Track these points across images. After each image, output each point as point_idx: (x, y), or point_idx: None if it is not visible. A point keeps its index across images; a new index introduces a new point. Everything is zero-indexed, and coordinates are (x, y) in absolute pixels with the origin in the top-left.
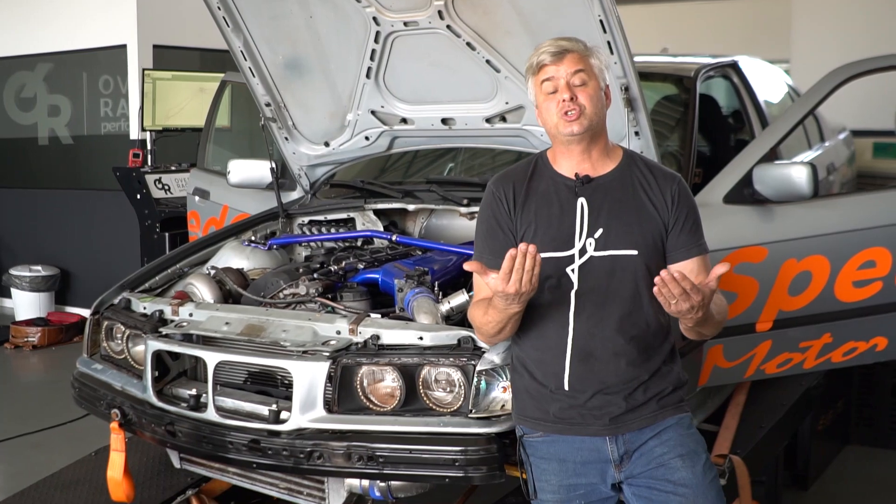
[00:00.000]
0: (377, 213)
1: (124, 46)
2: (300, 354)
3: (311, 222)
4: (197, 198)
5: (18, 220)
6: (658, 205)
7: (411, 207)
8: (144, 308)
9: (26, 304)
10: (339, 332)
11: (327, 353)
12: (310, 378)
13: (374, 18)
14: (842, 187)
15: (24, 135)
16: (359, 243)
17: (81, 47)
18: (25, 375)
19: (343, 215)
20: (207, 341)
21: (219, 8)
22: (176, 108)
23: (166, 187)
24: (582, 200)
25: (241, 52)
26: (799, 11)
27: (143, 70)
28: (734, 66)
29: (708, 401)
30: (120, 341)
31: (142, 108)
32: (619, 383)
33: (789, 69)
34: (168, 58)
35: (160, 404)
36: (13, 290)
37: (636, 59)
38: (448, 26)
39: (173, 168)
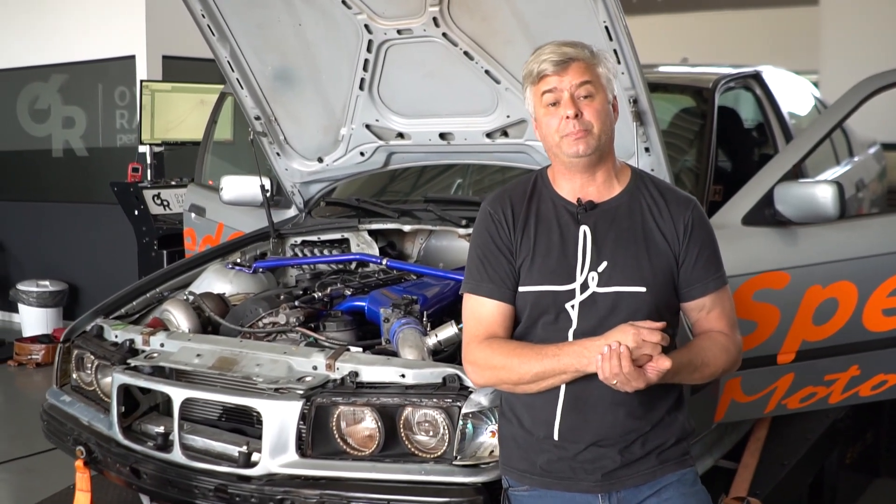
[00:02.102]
0: (374, 233)
1: (133, 57)
2: (271, 392)
3: (304, 243)
4: (193, 215)
5: (28, 234)
6: (669, 235)
7: (407, 228)
8: (116, 336)
9: (33, 320)
10: (315, 368)
11: (301, 392)
12: (281, 419)
13: (367, 26)
14: (872, 206)
15: (38, 147)
16: (353, 266)
17: (91, 58)
18: (27, 394)
19: (337, 235)
20: (180, 374)
21: (203, 16)
22: (176, 121)
23: (165, 203)
24: (585, 229)
25: (228, 62)
26: (828, 21)
27: (142, 81)
28: (756, 76)
29: (725, 437)
30: (90, 372)
31: (140, 120)
32: (615, 436)
33: (818, 80)
34: (177, 69)
35: (126, 442)
36: (20, 306)
37: (653, 69)
38: (444, 34)
39: (173, 183)
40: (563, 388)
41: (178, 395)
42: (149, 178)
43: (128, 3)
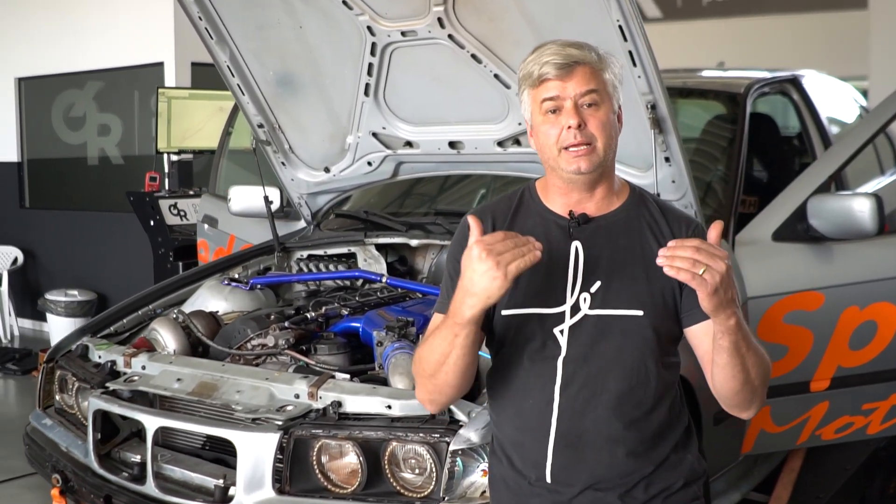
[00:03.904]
0: (384, 247)
1: (161, 64)
2: (248, 423)
3: (310, 257)
4: (206, 226)
5: (59, 242)
6: None
7: (414, 243)
8: (99, 357)
9: (62, 330)
10: (297, 396)
11: (279, 423)
12: (256, 452)
13: (369, 28)
14: None
15: (74, 155)
16: (360, 283)
17: (121, 65)
18: None
19: (343, 250)
20: (162, 399)
21: (200, 18)
22: (193, 129)
23: (182, 213)
24: (577, 244)
25: (228, 67)
26: (877, 25)
27: (158, 88)
28: (794, 81)
29: (754, 469)
30: (72, 394)
31: (156, 128)
32: (614, 477)
33: (868, 86)
34: (206, 75)
35: (101, 471)
36: (48, 315)
37: (687, 73)
38: (450, 36)
39: (191, 193)
40: (553, 423)
41: (151, 423)
42: (166, 187)
43: (157, 9)
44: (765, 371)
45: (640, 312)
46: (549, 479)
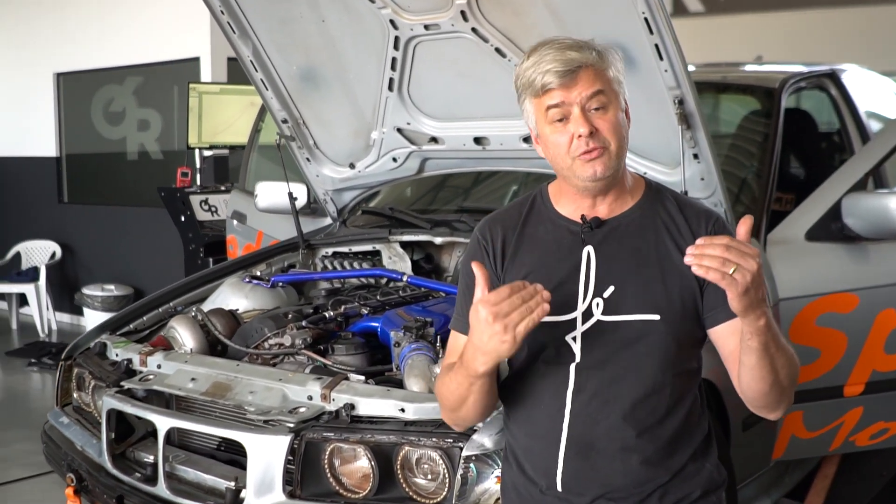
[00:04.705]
0: (409, 245)
1: (198, 59)
2: (259, 424)
3: (334, 254)
4: (235, 222)
5: (98, 237)
6: None
7: (438, 241)
8: (116, 355)
9: None
10: (310, 398)
11: (291, 425)
12: (267, 455)
13: (392, 21)
14: None
15: (113, 150)
16: (384, 281)
17: (158, 60)
18: None
19: (368, 247)
20: (178, 399)
21: (222, 12)
22: (224, 124)
23: (213, 209)
24: (588, 249)
25: (251, 61)
26: None
27: (188, 83)
28: (832, 76)
29: (786, 476)
30: (89, 392)
31: (187, 123)
32: (627, 486)
33: None
34: (241, 71)
35: (114, 472)
36: (85, 310)
37: (728, 67)
38: (473, 29)
39: (223, 188)
40: (564, 430)
41: (163, 423)
42: (198, 182)
43: (193, 4)
44: (794, 371)
45: (657, 317)
46: (559, 488)
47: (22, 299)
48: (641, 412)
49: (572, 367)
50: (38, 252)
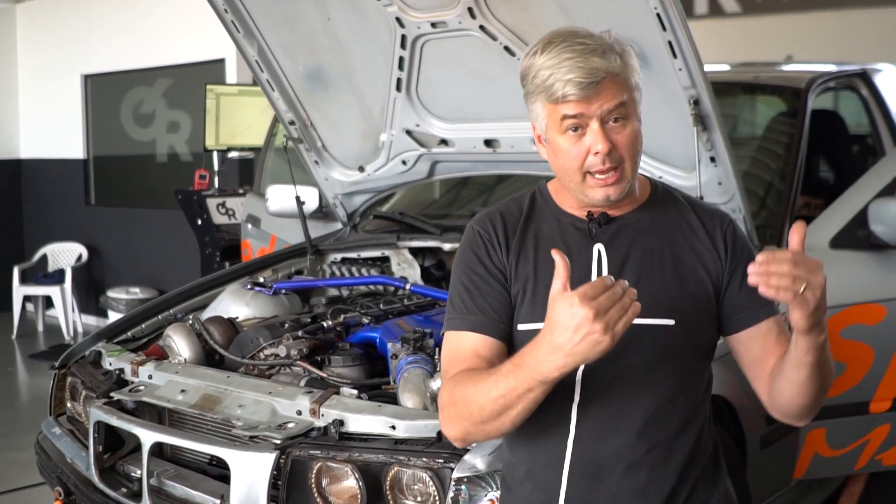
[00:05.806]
0: (418, 251)
1: (223, 60)
2: (245, 441)
3: (343, 260)
4: (249, 225)
5: (123, 240)
6: (705, 257)
7: (447, 247)
8: (110, 364)
9: None
10: (299, 413)
11: (277, 441)
12: (251, 472)
13: (398, 19)
14: None
15: (143, 152)
16: (392, 289)
17: (185, 62)
18: None
19: (377, 253)
20: (169, 412)
21: (226, 11)
22: (243, 126)
23: (230, 212)
24: (599, 247)
25: (257, 61)
26: None
27: (206, 84)
28: (863, 76)
29: (808, 494)
30: (81, 402)
31: (204, 125)
32: None
33: None
34: None
35: (101, 486)
36: (110, 313)
37: (762, 66)
38: (481, 27)
39: (240, 192)
40: (569, 448)
41: (147, 437)
42: (216, 185)
43: None
44: (833, 379)
45: (672, 321)
46: None
47: (48, 301)
48: (654, 427)
49: (578, 376)
50: (65, 254)
